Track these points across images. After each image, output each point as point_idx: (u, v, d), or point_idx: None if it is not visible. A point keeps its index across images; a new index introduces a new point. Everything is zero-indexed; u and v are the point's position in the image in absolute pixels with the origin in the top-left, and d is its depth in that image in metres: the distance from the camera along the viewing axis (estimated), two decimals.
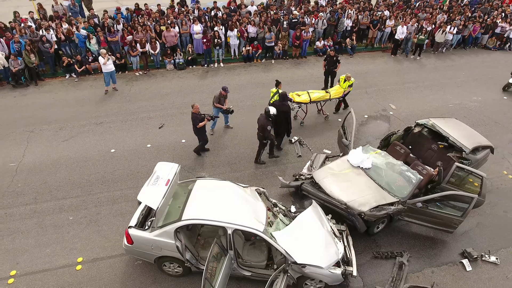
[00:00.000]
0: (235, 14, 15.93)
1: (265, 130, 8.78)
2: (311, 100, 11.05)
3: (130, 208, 7.79)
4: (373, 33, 17.27)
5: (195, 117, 8.88)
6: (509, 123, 11.96)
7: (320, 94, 11.32)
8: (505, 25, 18.33)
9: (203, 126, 9.03)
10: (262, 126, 8.81)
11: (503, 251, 7.40)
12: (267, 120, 8.75)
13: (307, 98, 11.02)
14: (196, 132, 9.22)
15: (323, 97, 11.29)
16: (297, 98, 10.96)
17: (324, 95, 11.31)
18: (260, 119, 8.89)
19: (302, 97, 11.02)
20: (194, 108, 8.88)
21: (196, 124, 8.93)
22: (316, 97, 11.15)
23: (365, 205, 6.82)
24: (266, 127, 8.73)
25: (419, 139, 9.04)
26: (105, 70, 12.12)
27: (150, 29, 14.26)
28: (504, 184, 9.20)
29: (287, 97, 9.71)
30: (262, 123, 8.78)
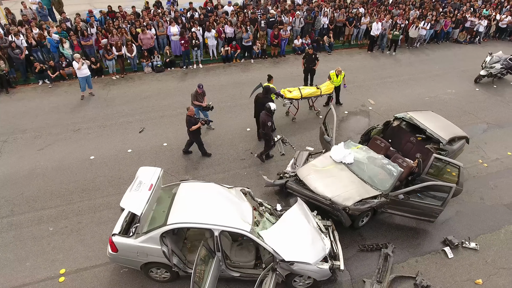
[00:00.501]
0: (212, 14, 15.82)
1: (265, 126, 8.83)
2: (302, 96, 11.15)
3: (113, 216, 7.60)
4: (349, 30, 17.57)
5: (189, 119, 8.82)
6: (482, 113, 12.43)
7: (311, 90, 11.46)
8: (474, 19, 19.03)
9: (197, 129, 8.98)
10: (262, 122, 8.86)
11: (481, 237, 7.69)
12: (268, 116, 8.81)
13: (299, 94, 11.12)
14: (190, 135, 9.15)
15: (314, 93, 11.42)
16: (289, 94, 11.06)
17: (315, 91, 11.44)
18: (262, 116, 8.94)
19: (293, 93, 11.13)
20: (189, 111, 8.81)
21: (189, 127, 8.88)
22: (307, 93, 11.28)
23: (349, 200, 6.93)
24: (266, 123, 8.78)
25: (398, 132, 9.26)
26: (80, 75, 11.78)
27: (126, 32, 13.98)
28: (479, 173, 9.55)
29: (270, 91, 9.81)
30: (263, 119, 8.84)
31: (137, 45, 14.08)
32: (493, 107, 12.92)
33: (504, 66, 14.40)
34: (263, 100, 9.41)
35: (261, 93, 9.83)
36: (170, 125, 10.93)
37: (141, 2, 17.28)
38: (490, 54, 14.69)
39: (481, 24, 19.01)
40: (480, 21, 18.99)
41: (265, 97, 9.58)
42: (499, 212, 8.32)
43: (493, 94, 13.93)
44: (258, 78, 13.90)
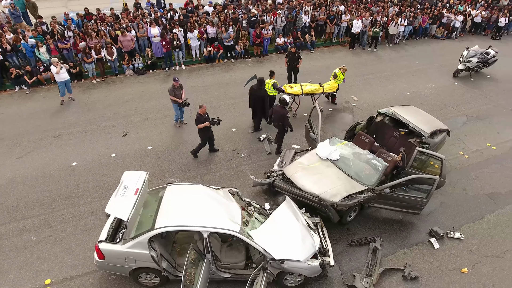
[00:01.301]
0: (193, 15, 15.68)
1: (285, 119, 9.04)
2: (303, 92, 11.18)
3: (99, 222, 7.43)
4: (331, 28, 17.75)
5: (199, 118, 8.85)
6: (461, 106, 12.78)
7: (313, 87, 11.44)
8: (450, 15, 19.56)
9: (206, 127, 8.97)
10: (281, 116, 9.05)
11: (465, 226, 7.89)
12: (283, 108, 9.06)
13: (299, 90, 11.17)
14: (199, 132, 9.14)
15: (316, 90, 11.44)
16: (289, 89, 11.12)
17: (317, 88, 11.45)
18: (277, 109, 9.15)
19: (294, 89, 11.19)
20: (201, 109, 8.85)
21: (200, 123, 8.87)
22: (309, 90, 11.30)
23: (337, 196, 6.99)
24: (285, 115, 9.02)
25: (381, 127, 9.41)
26: (59, 80, 11.45)
27: (105, 34, 13.69)
28: (461, 164, 9.80)
29: (264, 83, 10.11)
30: (281, 113, 9.04)
31: (117, 48, 13.81)
32: (472, 100, 13.29)
33: (480, 60, 14.85)
34: (257, 92, 9.90)
35: (255, 85, 10.07)
36: (154, 128, 10.77)
37: (118, 4, 16.97)
38: (467, 49, 15.11)
39: (457, 20, 19.56)
40: (456, 17, 19.54)
41: (259, 89, 9.92)
42: (481, 202, 8.56)
43: (471, 87, 14.33)
44: (242, 77, 13.88)
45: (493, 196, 8.76)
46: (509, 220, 8.10)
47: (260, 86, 9.92)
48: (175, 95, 10.08)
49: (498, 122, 11.89)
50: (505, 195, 8.79)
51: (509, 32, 21.50)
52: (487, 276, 6.85)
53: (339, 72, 11.68)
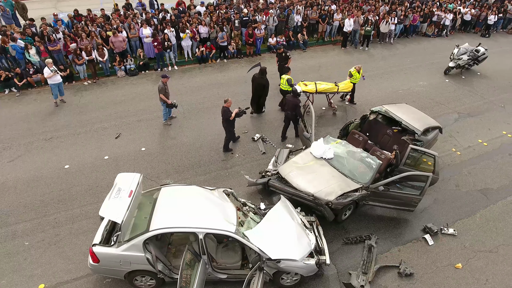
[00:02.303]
0: (184, 15, 15.60)
1: (296, 107, 9.49)
2: (317, 91, 11.25)
3: (93, 225, 7.35)
4: (323, 27, 17.81)
5: (225, 111, 9.13)
6: (453, 103, 12.91)
7: (328, 86, 11.49)
8: (440, 13, 19.76)
9: (233, 120, 9.31)
10: (293, 105, 9.49)
11: (459, 222, 7.98)
12: (296, 98, 9.54)
13: (314, 88, 11.25)
14: (225, 125, 9.41)
15: (331, 89, 11.47)
16: (304, 87, 11.15)
17: (331, 87, 11.49)
18: (290, 99, 9.60)
19: (308, 87, 11.27)
20: (227, 103, 9.13)
21: (227, 117, 9.16)
22: (323, 89, 11.37)
23: (332, 194, 7.01)
24: (297, 105, 9.48)
25: (375, 125, 9.47)
26: (52, 82, 11.32)
27: (96, 35, 13.55)
28: (453, 161, 9.91)
29: (266, 72, 10.83)
30: (293, 102, 9.49)
31: (108, 49, 13.68)
32: (463, 97, 13.44)
33: (470, 57, 15.03)
34: (259, 81, 10.79)
35: (258, 73, 10.83)
36: (147, 129, 10.69)
37: (109, 5, 16.81)
38: (457, 46, 15.28)
39: (447, 18, 19.76)
40: (446, 15, 19.74)
41: (261, 78, 10.75)
42: (474, 198, 8.66)
43: (462, 84, 14.49)
44: (235, 78, 13.89)
45: (486, 191, 8.87)
46: (501, 215, 8.21)
47: (261, 75, 10.73)
48: (166, 94, 10.10)
49: (489, 119, 12.04)
50: (497, 191, 8.90)
51: (498, 29, 21.78)
52: (481, 271, 6.93)
53: (354, 71, 11.76)
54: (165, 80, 10.13)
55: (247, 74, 13.94)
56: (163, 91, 10.11)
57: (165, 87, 10.14)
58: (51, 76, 11.15)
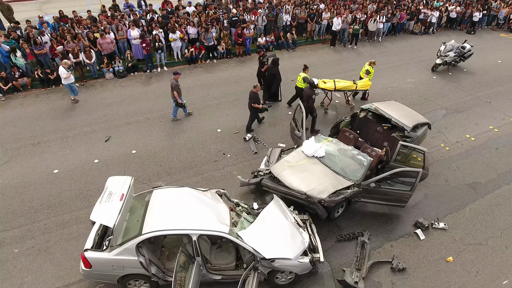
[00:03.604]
0: (173, 16, 15.50)
1: (309, 99, 9.93)
2: (336, 88, 11.47)
3: (84, 230, 7.26)
4: (311, 26, 17.89)
5: (254, 95, 10.05)
6: (441, 100, 13.11)
7: (346, 84, 11.66)
8: (427, 11, 20.04)
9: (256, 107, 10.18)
10: (308, 96, 9.96)
11: (449, 216, 8.10)
12: (311, 90, 10.01)
13: (332, 86, 11.47)
14: (251, 108, 10.24)
15: (349, 87, 11.65)
16: (323, 84, 11.43)
17: (350, 85, 11.65)
18: (306, 91, 10.12)
19: (327, 84, 11.51)
20: (256, 88, 10.04)
21: (252, 102, 10.05)
22: (341, 86, 11.56)
23: (324, 192, 7.05)
24: (311, 96, 9.96)
25: (365, 123, 9.55)
26: (67, 82, 11.50)
27: (83, 37, 13.36)
28: (442, 156, 10.06)
29: (278, 63, 11.49)
30: (308, 93, 9.98)
31: (96, 51, 13.51)
32: (450, 93, 13.66)
33: (457, 54, 15.27)
34: (270, 70, 11.55)
35: (271, 64, 11.54)
36: (138, 131, 10.59)
37: (95, 6, 16.59)
38: (444, 43, 15.51)
39: (434, 15, 20.06)
40: (432, 13, 20.03)
41: (272, 67, 11.47)
42: (463, 192, 8.81)
43: (449, 81, 14.72)
44: (225, 78, 13.86)
45: (474, 185, 9.03)
46: (489, 208, 8.36)
47: (273, 64, 11.45)
48: (178, 91, 10.34)
49: (476, 114, 12.26)
50: (485, 184, 9.07)
51: (482, 26, 22.19)
52: (471, 263, 7.05)
53: (371, 68, 12.01)
54: (177, 77, 10.32)
55: (237, 74, 13.92)
56: (177, 88, 10.27)
57: (178, 84, 10.33)
58: (68, 76, 11.34)
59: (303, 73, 11.30)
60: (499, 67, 16.35)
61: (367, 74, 12.15)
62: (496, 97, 13.50)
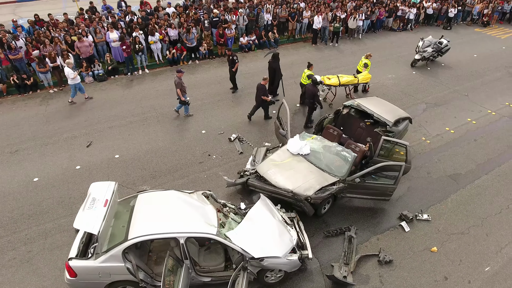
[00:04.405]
0: (152, 17, 15.29)
1: (315, 96, 10.18)
2: (340, 83, 11.94)
3: (67, 239, 7.08)
4: (293, 25, 17.99)
5: (262, 87, 10.45)
6: (420, 94, 13.41)
7: (349, 78, 12.20)
8: (404, 8, 20.46)
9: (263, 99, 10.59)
10: (312, 93, 10.18)
11: (432, 208, 8.30)
12: (315, 87, 10.24)
13: (337, 81, 11.93)
14: (258, 100, 10.64)
15: (352, 81, 12.18)
16: (328, 81, 11.86)
17: (352, 79, 12.20)
18: (309, 88, 10.27)
19: (332, 80, 11.94)
20: (264, 80, 10.52)
21: (260, 94, 10.48)
22: (345, 81, 12.06)
23: (310, 189, 7.10)
24: (316, 93, 10.17)
25: (348, 119, 9.67)
26: (73, 82, 11.54)
27: (60, 41, 13.02)
28: (424, 149, 10.29)
29: (278, 58, 11.81)
30: (312, 91, 10.16)
31: (74, 54, 13.18)
32: (429, 87, 13.99)
33: (434, 49, 15.66)
34: (271, 65, 11.85)
35: (271, 59, 11.78)
36: (120, 135, 10.40)
37: (72, 9, 16.20)
38: (422, 39, 15.88)
39: (411, 12, 20.52)
40: (410, 9, 20.48)
41: (272, 62, 11.77)
42: (444, 183, 9.04)
43: (428, 76, 15.08)
44: (208, 79, 13.77)
45: (455, 177, 9.27)
46: (470, 198, 8.61)
47: (273, 59, 11.74)
48: (182, 88, 10.50)
49: (454, 107, 12.60)
50: (465, 175, 9.33)
51: (458, 22, 22.83)
52: (454, 252, 7.25)
53: (368, 61, 12.70)
54: (180, 75, 10.48)
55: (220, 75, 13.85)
56: (180, 86, 10.39)
57: (181, 81, 10.40)
58: (75, 76, 11.42)
59: (308, 70, 11.61)
60: (475, 60, 16.86)
61: (365, 67, 12.69)
62: (473, 90, 13.91)
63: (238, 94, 12.84)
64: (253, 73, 14.53)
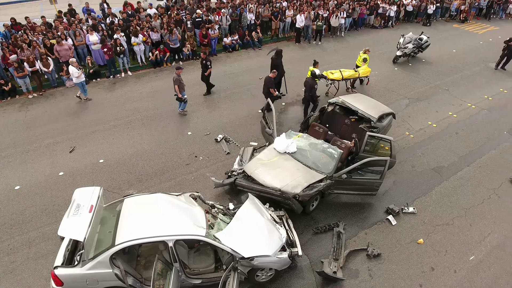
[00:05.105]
0: (134, 18, 15.06)
1: (312, 89, 10.45)
2: (343, 77, 12.41)
3: (52, 247, 6.91)
4: (276, 24, 18.04)
5: (269, 80, 10.69)
6: (403, 90, 13.66)
7: (350, 72, 12.75)
8: (385, 5, 20.79)
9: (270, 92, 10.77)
10: (310, 86, 10.46)
11: (417, 200, 8.46)
12: (313, 80, 10.53)
13: (339, 76, 12.43)
14: (266, 92, 10.84)
15: (353, 75, 12.73)
16: (331, 75, 12.38)
17: (354, 73, 12.75)
18: (308, 81, 10.60)
19: (335, 75, 12.45)
20: (273, 73, 10.77)
21: (269, 87, 10.71)
22: (348, 75, 12.59)
23: (298, 187, 7.14)
24: (313, 86, 10.43)
25: (333, 116, 9.77)
26: (78, 81, 11.60)
27: (38, 45, 12.68)
28: (408, 143, 10.49)
29: (281, 55, 11.98)
30: (310, 84, 10.46)
31: (53, 58, 12.87)
32: (411, 83, 14.27)
33: (415, 46, 15.98)
34: (274, 61, 11.88)
35: (274, 55, 11.90)
36: (104, 139, 10.22)
37: (50, 12, 15.81)
38: (403, 36, 16.18)
39: (392, 9, 20.86)
40: (390, 7, 20.82)
41: (275, 58, 11.87)
42: (428, 176, 9.23)
43: (409, 71, 15.37)
44: (192, 80, 13.65)
45: (438, 169, 9.48)
46: (453, 190, 8.83)
47: (276, 55, 11.89)
48: (180, 85, 10.55)
49: (436, 102, 12.89)
50: (448, 168, 9.56)
51: (437, 18, 23.35)
52: (440, 243, 7.41)
53: (366, 55, 13.23)
54: (179, 72, 10.54)
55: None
56: (178, 82, 10.48)
57: (180, 78, 10.50)
58: (79, 75, 11.49)
59: (313, 67, 11.84)
60: (454, 56, 17.29)
61: (364, 62, 13.24)
62: (453, 85, 14.26)
63: (224, 95, 12.79)
64: (238, 73, 14.52)
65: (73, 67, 11.43)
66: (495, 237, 7.61)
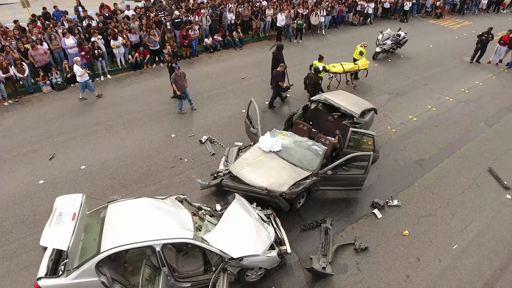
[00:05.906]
0: (111, 21, 14.76)
1: (317, 85, 10.90)
2: (345, 70, 12.99)
3: (35, 258, 6.70)
4: (256, 23, 18.06)
5: (278, 74, 11.08)
6: (383, 86, 13.91)
7: (351, 65, 13.40)
8: (363, 3, 21.14)
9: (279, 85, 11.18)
10: (314, 82, 11.01)
11: (401, 193, 8.64)
12: (316, 75, 10.93)
13: (341, 69, 13.01)
14: (274, 86, 11.32)
15: (353, 68, 13.37)
16: (333, 69, 12.95)
17: (354, 66, 13.40)
18: (311, 76, 11.10)
19: (337, 68, 13.01)
20: (281, 67, 11.10)
21: (277, 81, 11.12)
22: (348, 68, 13.20)
23: (284, 185, 7.16)
24: (318, 82, 10.87)
25: (316, 114, 9.85)
26: (82, 80, 11.83)
27: (11, 50, 12.25)
28: (390, 138, 10.69)
29: (282, 49, 12.39)
30: (314, 79, 10.96)
31: (28, 63, 12.46)
32: (391, 78, 14.55)
33: (393, 42, 16.32)
34: (274, 56, 12.39)
35: (275, 50, 12.31)
36: (85, 145, 9.97)
37: (22, 16, 15.31)
38: (381, 33, 16.48)
39: (370, 7, 21.25)
40: (368, 4, 21.19)
41: (276, 53, 12.28)
42: (411, 169, 9.43)
43: (389, 67, 15.68)
44: None
45: (420, 162, 9.71)
46: (435, 181, 9.05)
47: (277, 50, 12.27)
48: (177, 84, 10.77)
49: (415, 96, 13.19)
50: (429, 160, 9.80)
51: (413, 14, 23.91)
52: (424, 234, 7.59)
53: (363, 49, 13.79)
54: (178, 72, 10.77)
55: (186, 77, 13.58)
56: (174, 81, 10.79)
57: (177, 77, 10.74)
58: (83, 74, 11.65)
59: (318, 62, 12.20)
60: (431, 51, 17.74)
61: (360, 55, 13.81)
62: (431, 79, 14.63)
63: (206, 96, 12.70)
64: (220, 73, 14.46)
65: (76, 65, 11.62)
66: (476, 225, 7.85)
